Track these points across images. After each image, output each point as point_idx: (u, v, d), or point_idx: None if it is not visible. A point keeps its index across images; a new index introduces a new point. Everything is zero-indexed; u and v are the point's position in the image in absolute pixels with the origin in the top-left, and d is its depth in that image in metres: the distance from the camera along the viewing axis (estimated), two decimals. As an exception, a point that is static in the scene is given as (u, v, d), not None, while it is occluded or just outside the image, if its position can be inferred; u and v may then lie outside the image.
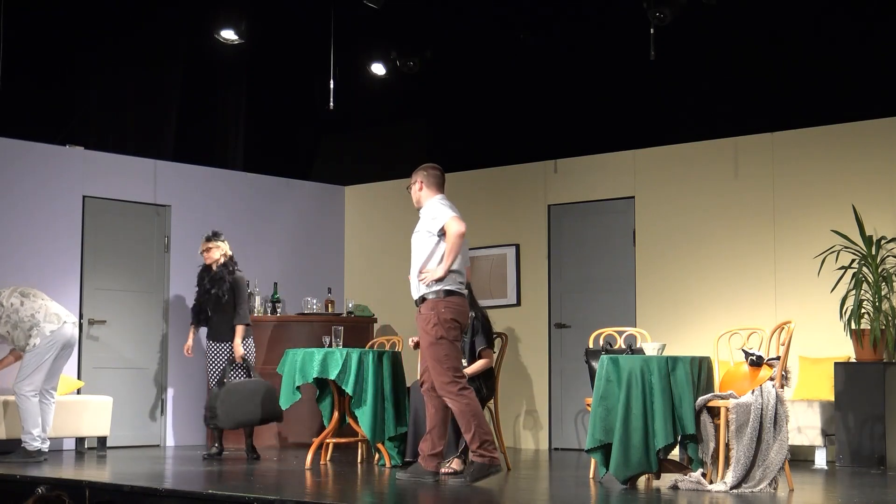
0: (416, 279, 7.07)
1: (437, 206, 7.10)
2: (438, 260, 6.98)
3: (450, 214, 6.98)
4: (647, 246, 9.93)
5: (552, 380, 10.29)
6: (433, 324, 6.93)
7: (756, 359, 6.81)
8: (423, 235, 7.09)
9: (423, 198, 7.24)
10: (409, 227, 11.16)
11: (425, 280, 6.97)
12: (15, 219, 9.52)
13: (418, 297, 7.06)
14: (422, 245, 7.09)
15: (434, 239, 7.02)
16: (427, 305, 6.99)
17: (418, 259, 7.09)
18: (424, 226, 7.11)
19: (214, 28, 9.83)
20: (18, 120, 9.86)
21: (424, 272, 7.00)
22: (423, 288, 7.01)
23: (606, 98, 10.21)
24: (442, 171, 7.32)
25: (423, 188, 7.24)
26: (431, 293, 6.97)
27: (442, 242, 6.99)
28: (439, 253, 6.99)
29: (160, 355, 10.31)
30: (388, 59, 10.50)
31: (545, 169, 10.58)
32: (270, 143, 11.83)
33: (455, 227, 6.92)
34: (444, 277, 6.93)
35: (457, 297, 7.00)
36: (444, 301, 6.95)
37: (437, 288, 6.95)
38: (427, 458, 7.07)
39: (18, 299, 8.50)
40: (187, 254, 10.51)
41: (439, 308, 6.93)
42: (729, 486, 6.46)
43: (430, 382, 7.05)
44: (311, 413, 9.71)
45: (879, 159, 8.90)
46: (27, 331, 8.42)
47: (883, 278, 8.33)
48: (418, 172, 7.28)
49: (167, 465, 8.60)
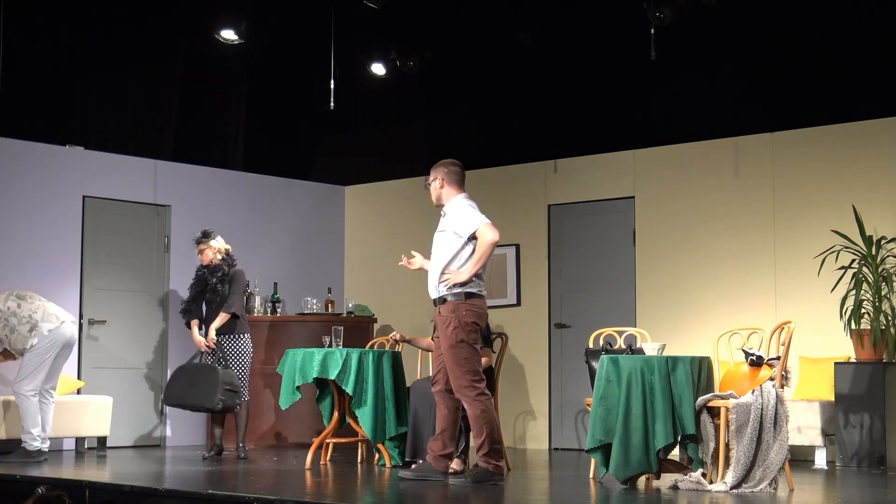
0: (437, 279, 6.97)
1: (466, 208, 6.98)
2: (462, 262, 6.91)
3: (483, 220, 6.88)
4: (647, 246, 9.93)
5: (552, 380, 10.29)
6: (453, 327, 6.85)
7: (756, 359, 6.80)
8: (450, 236, 6.97)
9: (445, 196, 7.10)
10: (408, 227, 11.25)
11: (448, 283, 6.88)
12: (15, 219, 9.52)
13: (438, 298, 6.98)
14: (447, 245, 6.97)
15: (461, 241, 6.92)
16: (447, 307, 6.90)
17: (441, 259, 6.97)
18: (451, 226, 6.98)
19: (214, 28, 9.83)
20: (18, 120, 9.86)
21: (447, 273, 6.91)
22: (443, 289, 6.93)
23: (606, 98, 10.21)
24: (462, 168, 7.18)
25: (444, 185, 7.09)
26: (452, 295, 6.90)
27: (469, 246, 6.91)
28: (464, 256, 6.91)
29: (160, 355, 10.31)
30: (388, 59, 10.50)
31: (545, 169, 10.58)
32: (270, 144, 11.83)
33: (490, 236, 6.82)
34: (468, 282, 6.89)
35: (478, 300, 6.93)
36: (465, 303, 6.87)
37: (459, 290, 6.88)
38: (437, 458, 7.03)
39: (15, 302, 8.49)
40: (187, 254, 10.50)
41: (460, 311, 6.86)
42: (729, 486, 6.45)
43: (444, 384, 7.00)
44: (311, 413, 9.71)
45: (879, 159, 8.90)
46: (26, 333, 8.42)
47: (883, 278, 8.33)
48: (438, 169, 7.13)
49: (167, 465, 8.59)
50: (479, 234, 6.85)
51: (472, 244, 6.91)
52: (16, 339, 8.45)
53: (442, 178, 7.09)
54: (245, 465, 8.34)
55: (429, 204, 11.18)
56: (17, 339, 8.45)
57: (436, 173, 7.12)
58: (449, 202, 7.08)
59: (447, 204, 7.09)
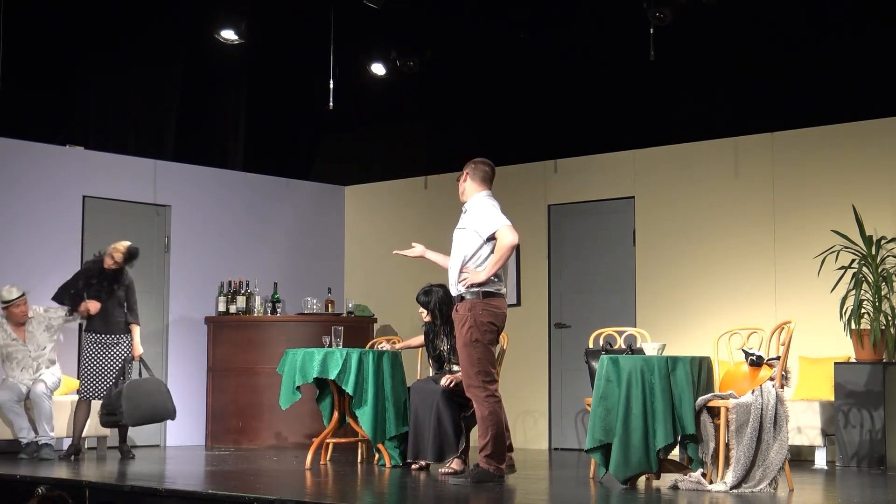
0: (456, 277, 6.96)
1: (488, 207, 6.96)
2: (480, 262, 6.89)
3: (504, 221, 6.86)
4: (647, 246, 9.93)
5: (552, 380, 10.29)
6: (468, 326, 6.84)
7: (756, 359, 6.81)
8: (470, 234, 6.94)
9: (468, 191, 7.08)
10: (408, 227, 11.25)
11: (465, 282, 6.88)
12: (15, 218, 9.52)
13: (456, 296, 6.97)
14: (466, 243, 6.95)
15: (480, 240, 6.91)
16: (465, 306, 6.89)
17: (459, 256, 6.95)
18: (472, 225, 6.95)
19: (214, 28, 9.84)
20: (18, 120, 9.86)
21: (465, 272, 6.90)
22: (461, 287, 6.93)
23: (606, 98, 10.20)
24: (492, 167, 7.15)
25: (468, 180, 7.08)
26: (470, 294, 6.88)
27: (487, 245, 6.89)
28: (483, 255, 6.89)
29: (160, 355, 10.31)
30: (388, 59, 10.50)
31: (545, 169, 10.58)
32: (270, 143, 11.83)
33: (510, 239, 6.80)
34: (486, 282, 6.88)
35: (495, 299, 6.91)
36: (482, 302, 6.86)
37: (477, 289, 6.87)
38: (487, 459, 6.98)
39: None
40: (187, 254, 10.52)
41: (476, 310, 6.84)
42: (729, 486, 6.45)
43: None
44: (311, 413, 9.71)
45: (879, 159, 8.90)
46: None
47: (883, 278, 8.33)
48: (468, 164, 7.12)
49: (167, 465, 8.60)
50: (499, 235, 6.83)
51: (490, 244, 6.89)
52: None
53: (468, 173, 7.09)
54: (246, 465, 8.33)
55: (429, 204, 11.29)
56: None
57: (466, 168, 7.12)
58: (471, 199, 7.07)
59: (469, 200, 7.08)
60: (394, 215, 11.50)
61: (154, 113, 11.06)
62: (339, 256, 11.77)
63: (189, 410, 10.34)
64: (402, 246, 7.87)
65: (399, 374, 8.36)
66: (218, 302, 10.69)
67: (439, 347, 8.18)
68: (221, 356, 10.60)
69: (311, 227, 11.56)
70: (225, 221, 10.87)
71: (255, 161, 11.47)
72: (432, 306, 8.20)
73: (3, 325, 8.95)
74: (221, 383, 10.56)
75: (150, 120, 11.05)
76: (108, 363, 8.94)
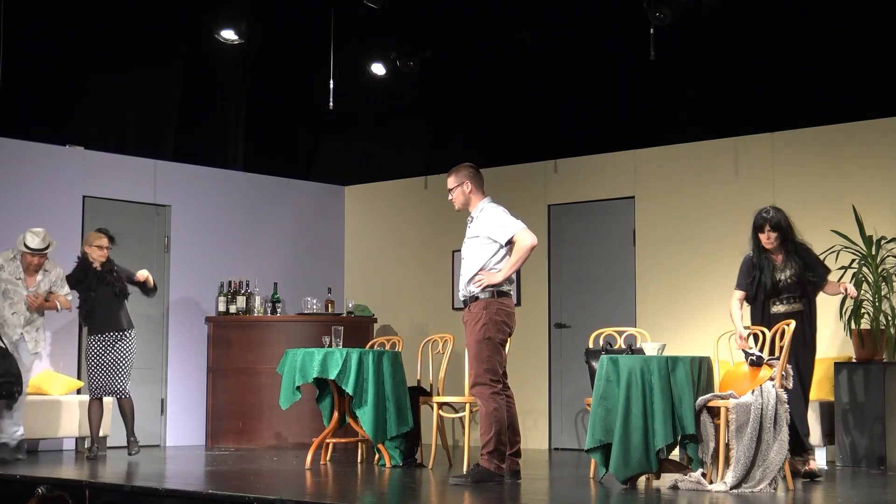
0: (467, 282, 7.00)
1: (500, 213, 7.05)
2: (495, 263, 6.95)
3: (520, 225, 6.96)
4: (647, 246, 9.93)
5: (552, 380, 10.29)
6: (482, 323, 6.90)
7: (756, 359, 6.81)
8: (483, 241, 7.01)
9: (472, 200, 7.15)
10: (408, 227, 11.26)
11: (482, 284, 6.92)
12: (15, 219, 9.51)
13: (469, 297, 7.01)
14: (479, 251, 7.00)
15: (495, 246, 6.97)
16: (479, 304, 6.95)
17: (473, 265, 7.00)
18: (486, 232, 7.01)
19: (214, 28, 9.83)
20: (18, 120, 9.86)
21: (481, 275, 6.94)
22: (475, 289, 6.97)
23: (606, 98, 10.20)
24: (480, 170, 7.28)
25: (468, 190, 7.13)
26: (484, 293, 6.95)
27: (503, 251, 6.96)
28: (498, 259, 6.97)
29: (160, 355, 10.31)
30: (388, 59, 10.49)
31: (545, 169, 10.58)
32: (270, 143, 11.83)
33: (529, 241, 6.92)
34: (501, 284, 6.93)
35: (508, 299, 7.01)
36: (497, 301, 6.94)
37: (491, 289, 6.94)
38: (508, 457, 7.00)
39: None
40: (187, 254, 10.52)
41: (492, 309, 6.92)
42: (729, 486, 6.45)
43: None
44: (311, 413, 9.71)
45: (879, 159, 8.89)
46: None
47: (883, 278, 8.33)
48: (460, 174, 7.16)
49: (167, 465, 8.60)
50: (518, 238, 6.92)
51: (506, 249, 6.96)
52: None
53: (469, 182, 7.13)
54: (245, 465, 8.33)
55: (429, 204, 11.28)
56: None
57: (459, 178, 7.15)
58: (476, 207, 7.13)
59: (475, 208, 7.14)
60: (394, 215, 11.50)
61: (154, 113, 11.05)
62: (339, 256, 11.78)
63: (189, 410, 10.35)
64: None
65: (399, 374, 8.36)
66: (218, 302, 10.70)
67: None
68: (221, 356, 10.60)
69: (311, 227, 11.56)
70: (225, 221, 10.87)
71: (255, 161, 11.47)
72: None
73: (18, 262, 8.78)
74: (221, 383, 10.56)
75: (150, 120, 11.05)
76: (116, 358, 8.89)
